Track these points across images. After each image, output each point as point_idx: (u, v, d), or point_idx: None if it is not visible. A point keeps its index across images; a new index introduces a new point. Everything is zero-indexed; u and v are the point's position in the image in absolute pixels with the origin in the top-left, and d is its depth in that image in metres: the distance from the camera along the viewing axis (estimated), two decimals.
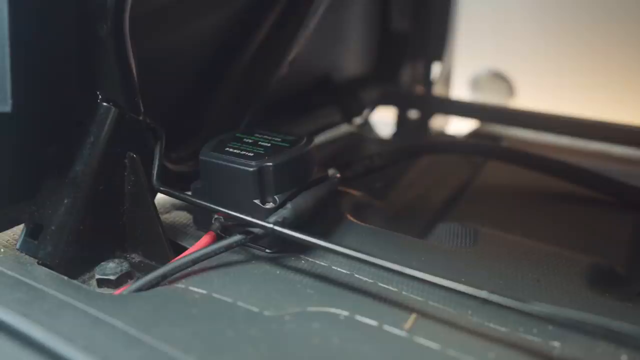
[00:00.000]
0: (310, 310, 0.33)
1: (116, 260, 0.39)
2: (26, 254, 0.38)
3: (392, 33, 0.78)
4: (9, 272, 0.35)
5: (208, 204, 0.40)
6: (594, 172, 0.55)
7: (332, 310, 0.33)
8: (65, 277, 0.36)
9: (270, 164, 0.40)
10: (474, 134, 0.73)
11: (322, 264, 0.39)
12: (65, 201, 0.38)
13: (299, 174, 0.42)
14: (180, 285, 0.36)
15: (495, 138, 0.71)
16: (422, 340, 0.31)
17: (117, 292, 0.36)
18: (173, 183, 0.44)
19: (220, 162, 0.41)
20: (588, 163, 0.63)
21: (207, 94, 0.52)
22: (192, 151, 0.49)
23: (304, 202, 0.41)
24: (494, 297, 0.29)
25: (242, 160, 0.40)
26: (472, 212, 0.52)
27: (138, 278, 0.37)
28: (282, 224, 0.38)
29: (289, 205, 0.40)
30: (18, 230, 0.39)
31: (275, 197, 0.40)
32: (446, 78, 0.80)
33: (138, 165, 0.40)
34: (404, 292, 0.36)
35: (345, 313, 0.33)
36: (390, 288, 0.36)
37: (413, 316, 0.33)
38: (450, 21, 0.75)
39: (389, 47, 0.77)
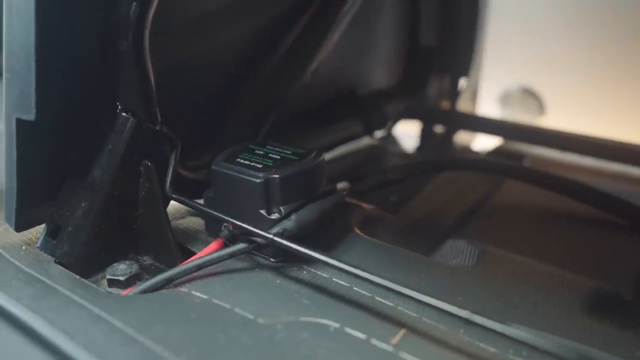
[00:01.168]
0: (302, 320, 0.34)
1: (127, 262, 0.41)
2: (45, 252, 0.40)
3: (419, 47, 0.78)
4: (27, 269, 0.37)
5: (214, 212, 0.42)
6: (613, 195, 0.54)
7: (324, 321, 0.34)
8: (78, 276, 0.38)
9: (277, 176, 0.41)
10: (496, 151, 0.73)
11: (323, 275, 0.40)
12: (83, 204, 0.40)
13: (306, 187, 0.44)
14: (183, 289, 0.38)
15: (518, 156, 0.71)
16: (405, 355, 0.31)
17: (124, 292, 0.38)
18: (188, 190, 0.46)
19: (229, 172, 0.43)
20: (614, 185, 0.62)
21: (226, 104, 0.54)
22: (208, 160, 0.51)
23: (309, 214, 0.42)
24: (476, 318, 0.30)
25: (251, 172, 0.42)
26: (483, 230, 0.52)
27: (146, 280, 0.39)
28: (282, 235, 0.39)
29: (293, 217, 0.41)
30: (40, 229, 0.42)
31: (281, 208, 0.42)
32: (473, 94, 0.80)
33: (152, 173, 0.42)
34: (399, 307, 0.36)
35: (336, 325, 0.34)
36: (387, 303, 0.37)
37: (402, 331, 0.34)
38: (477, 37, 0.75)
39: (416, 61, 0.78)
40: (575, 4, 0.83)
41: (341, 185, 0.51)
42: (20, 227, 0.40)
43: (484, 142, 0.81)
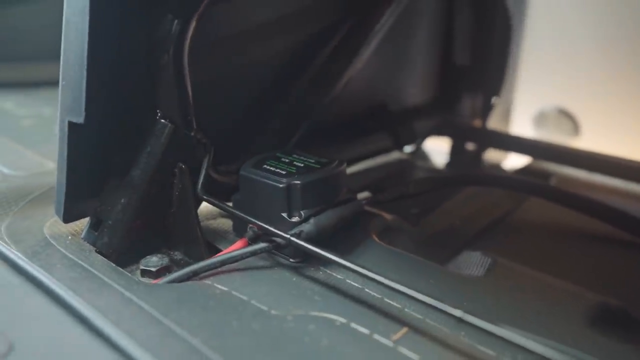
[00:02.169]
0: (311, 314, 0.37)
1: (159, 255, 0.45)
2: (87, 242, 0.45)
3: (453, 65, 0.80)
4: (71, 256, 0.42)
5: (239, 213, 0.45)
6: (635, 215, 0.54)
7: (331, 316, 0.37)
8: (114, 265, 0.42)
9: (299, 182, 0.45)
10: (524, 170, 0.74)
11: (337, 276, 0.43)
12: (122, 201, 0.45)
13: (326, 193, 0.47)
14: (207, 281, 0.41)
15: (546, 174, 0.71)
16: (404, 350, 0.34)
17: (154, 282, 0.42)
18: (220, 193, 0.49)
19: (256, 177, 0.46)
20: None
21: (259, 115, 0.58)
22: (239, 166, 0.54)
23: (326, 219, 0.45)
24: (469, 318, 0.32)
25: (275, 177, 0.45)
26: (500, 243, 0.54)
27: (174, 272, 0.42)
28: (299, 236, 0.42)
29: (312, 221, 0.44)
30: (85, 222, 0.47)
31: (302, 212, 0.45)
32: (505, 112, 0.81)
33: (186, 175, 0.46)
34: (405, 309, 0.39)
35: (342, 320, 0.36)
36: (394, 304, 0.39)
37: (404, 330, 0.36)
38: (510, 57, 0.77)
39: (449, 78, 0.80)
40: (612, 26, 0.83)
41: (362, 194, 0.54)
42: (67, 219, 0.45)
43: (515, 161, 0.82)
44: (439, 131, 0.79)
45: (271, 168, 0.47)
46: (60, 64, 0.41)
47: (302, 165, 0.47)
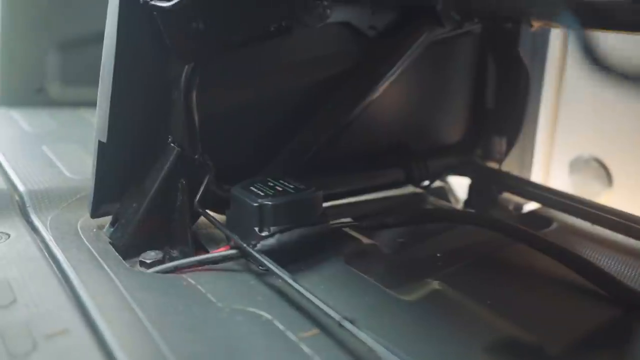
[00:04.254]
0: (247, 309, 0.46)
1: (156, 251, 0.55)
2: (106, 235, 0.57)
3: (479, 110, 0.85)
4: (87, 243, 0.54)
5: (218, 223, 0.55)
6: (598, 267, 0.57)
7: (262, 312, 0.45)
8: (117, 255, 0.53)
9: (270, 203, 0.54)
10: (529, 213, 0.76)
11: (290, 284, 0.51)
12: (134, 205, 0.56)
13: (296, 215, 0.55)
14: (184, 275, 0.51)
15: (548, 220, 0.74)
16: (302, 345, 0.41)
17: (148, 271, 0.53)
18: (223, 206, 0.60)
19: (240, 196, 0.56)
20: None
21: (270, 144, 0.68)
22: None
23: (289, 236, 0.54)
24: (346, 324, 0.39)
25: (252, 197, 0.54)
26: (463, 277, 0.58)
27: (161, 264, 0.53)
28: (254, 247, 0.51)
29: (276, 236, 0.53)
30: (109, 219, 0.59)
31: (272, 228, 0.54)
32: (524, 158, 0.84)
33: (185, 190, 0.57)
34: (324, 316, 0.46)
35: (268, 316, 0.45)
36: (326, 310, 0.46)
37: (316, 330, 0.44)
38: (527, 106, 0.81)
39: (474, 121, 0.85)
40: None
41: (345, 220, 0.62)
42: (93, 215, 0.57)
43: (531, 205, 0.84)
44: (457, 171, 0.84)
45: (254, 190, 0.56)
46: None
47: (281, 189, 0.56)
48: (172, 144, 0.57)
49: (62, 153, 0.78)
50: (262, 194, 0.55)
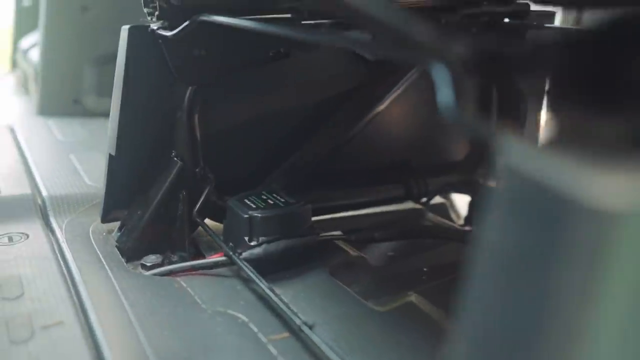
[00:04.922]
0: (227, 312, 0.50)
1: (156, 255, 0.61)
2: (114, 239, 0.63)
3: None
4: (94, 245, 0.60)
5: (211, 232, 0.60)
6: None
7: (240, 315, 0.50)
8: (120, 257, 0.59)
9: (259, 215, 0.58)
10: None
11: (265, 289, 0.55)
12: (139, 212, 0.62)
13: (283, 227, 0.60)
14: (178, 278, 0.57)
15: None
16: (269, 346, 0.45)
17: (146, 273, 0.58)
18: (220, 216, 0.65)
19: (234, 207, 0.61)
20: None
21: (272, 159, 0.72)
22: None
23: (275, 246, 0.58)
24: (305, 329, 0.43)
25: (244, 209, 0.59)
26: (441, 291, 0.61)
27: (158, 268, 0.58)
28: (239, 254, 0.55)
29: (263, 246, 0.58)
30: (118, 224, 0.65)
31: (260, 238, 0.58)
32: None
33: (186, 201, 0.62)
34: (297, 321, 0.50)
35: (245, 319, 0.49)
36: (290, 315, 0.50)
37: (285, 334, 0.48)
38: (524, 125, 0.83)
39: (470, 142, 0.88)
40: None
41: (336, 233, 0.66)
42: (104, 220, 0.63)
43: None
44: (457, 188, 0.87)
45: (247, 202, 0.61)
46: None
47: (272, 202, 0.61)
48: (175, 158, 0.62)
49: (87, 161, 0.85)
50: (253, 206, 0.60)
